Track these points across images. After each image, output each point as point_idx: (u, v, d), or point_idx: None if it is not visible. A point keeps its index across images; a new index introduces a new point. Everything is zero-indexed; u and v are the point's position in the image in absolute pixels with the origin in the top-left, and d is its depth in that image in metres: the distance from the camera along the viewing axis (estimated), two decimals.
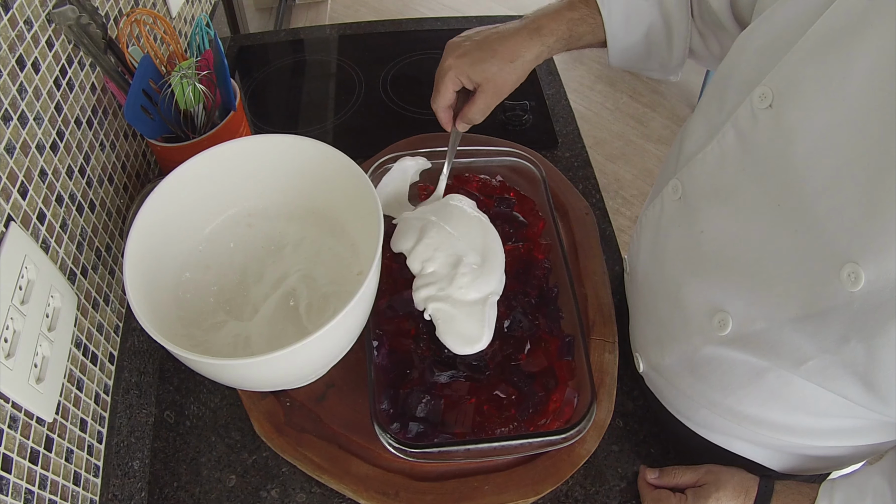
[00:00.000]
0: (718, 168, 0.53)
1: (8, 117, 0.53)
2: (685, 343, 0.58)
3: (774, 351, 0.49)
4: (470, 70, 0.66)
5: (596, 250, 0.79)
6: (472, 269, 0.67)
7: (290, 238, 0.68)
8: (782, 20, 0.49)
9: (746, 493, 0.56)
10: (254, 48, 1.15)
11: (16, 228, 0.52)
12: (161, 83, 0.69)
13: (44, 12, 0.60)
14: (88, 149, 0.68)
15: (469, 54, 0.65)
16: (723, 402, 0.57)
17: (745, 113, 0.49)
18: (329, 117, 1.02)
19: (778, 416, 0.54)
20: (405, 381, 0.64)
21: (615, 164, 2.24)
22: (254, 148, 0.65)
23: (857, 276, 0.40)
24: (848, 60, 0.41)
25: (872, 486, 0.50)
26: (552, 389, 0.63)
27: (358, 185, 0.62)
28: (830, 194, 0.42)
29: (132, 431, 0.68)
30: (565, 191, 0.85)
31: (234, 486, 0.64)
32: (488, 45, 0.65)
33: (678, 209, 0.59)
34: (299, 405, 0.67)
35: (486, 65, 0.65)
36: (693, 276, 0.56)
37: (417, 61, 1.11)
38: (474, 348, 0.63)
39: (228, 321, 0.62)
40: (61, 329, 0.58)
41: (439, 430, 0.61)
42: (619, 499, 0.64)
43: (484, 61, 0.65)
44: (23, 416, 0.51)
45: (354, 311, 0.54)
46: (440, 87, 0.68)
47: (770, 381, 0.52)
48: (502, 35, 0.66)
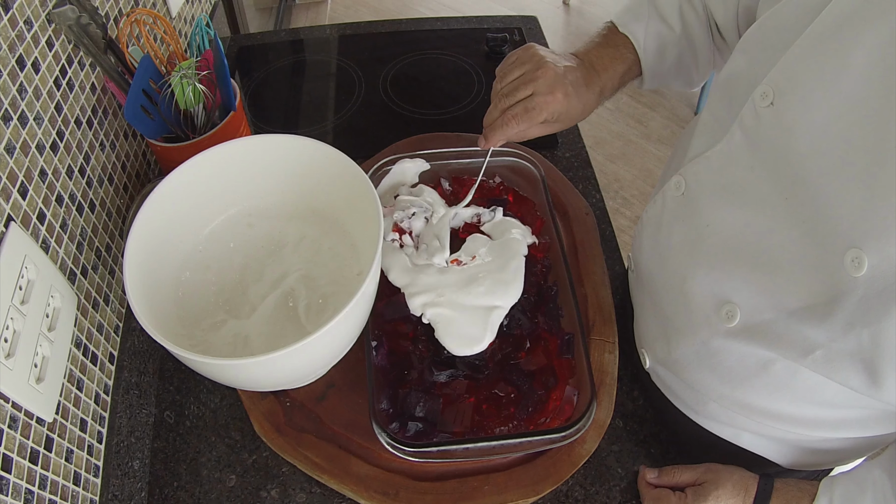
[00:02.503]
0: (725, 166, 0.53)
1: (8, 117, 0.54)
2: (692, 336, 0.58)
3: (781, 341, 0.49)
4: (565, 111, 0.68)
5: (596, 250, 0.79)
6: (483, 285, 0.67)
7: (290, 238, 0.68)
8: (781, 21, 0.50)
9: (746, 490, 0.56)
10: (254, 48, 1.15)
11: (16, 228, 0.53)
12: (161, 83, 0.69)
13: (44, 12, 0.60)
14: (88, 149, 0.68)
15: (571, 97, 0.67)
16: (731, 394, 0.58)
17: (749, 112, 0.50)
18: (329, 117, 1.02)
19: (785, 407, 0.55)
20: (404, 380, 0.64)
21: (615, 164, 2.24)
22: (254, 148, 0.65)
23: (861, 262, 0.41)
24: (844, 55, 0.42)
25: (872, 480, 0.51)
26: (552, 388, 0.63)
27: (358, 185, 0.62)
28: (832, 183, 0.43)
29: (132, 431, 0.68)
30: (565, 191, 0.85)
31: (234, 486, 0.64)
32: (580, 94, 0.68)
33: (681, 204, 0.59)
34: (299, 405, 0.67)
35: (575, 111, 0.69)
36: (698, 270, 0.56)
37: (417, 61, 1.11)
38: (474, 350, 0.63)
39: (228, 320, 0.62)
40: (61, 329, 0.58)
41: (438, 430, 0.61)
42: (619, 499, 0.64)
43: (576, 108, 0.68)
44: (23, 416, 0.51)
45: (354, 312, 0.54)
46: (536, 114, 0.66)
47: (777, 371, 0.52)
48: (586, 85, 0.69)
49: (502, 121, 0.68)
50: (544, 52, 0.69)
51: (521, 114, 0.66)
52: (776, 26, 0.51)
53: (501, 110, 0.68)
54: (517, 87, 0.67)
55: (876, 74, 0.41)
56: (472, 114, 1.01)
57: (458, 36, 1.16)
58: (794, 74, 0.46)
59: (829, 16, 0.44)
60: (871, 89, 0.41)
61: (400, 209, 0.73)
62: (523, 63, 0.68)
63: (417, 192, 0.78)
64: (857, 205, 0.42)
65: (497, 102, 0.68)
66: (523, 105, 0.66)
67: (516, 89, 0.67)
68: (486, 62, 1.10)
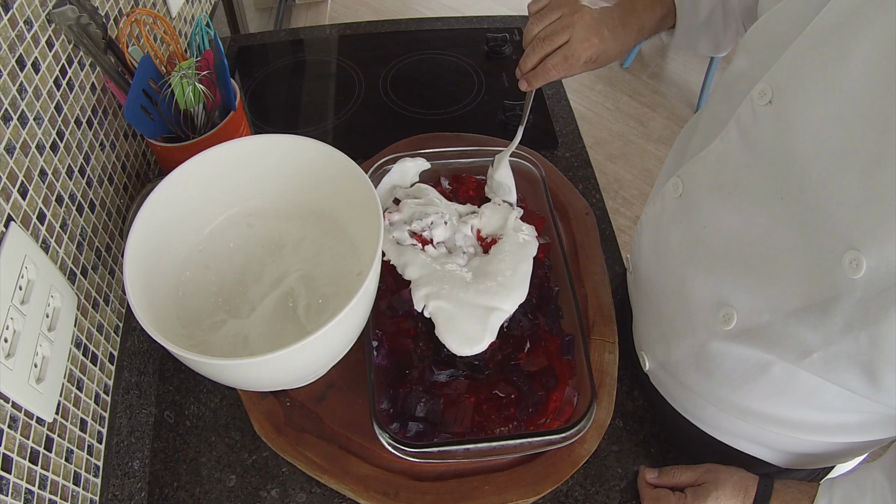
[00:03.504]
0: (721, 165, 0.53)
1: (8, 117, 0.53)
2: (691, 339, 0.58)
3: (779, 344, 0.49)
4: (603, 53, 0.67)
5: (596, 250, 0.79)
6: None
7: (290, 238, 0.68)
8: (782, 19, 0.50)
9: (746, 491, 0.56)
10: (254, 48, 1.15)
11: (16, 228, 0.52)
12: (161, 83, 0.69)
13: (44, 12, 0.60)
14: (88, 149, 0.68)
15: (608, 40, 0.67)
16: (729, 397, 0.58)
17: (747, 110, 0.50)
18: (329, 117, 1.02)
19: (784, 410, 0.55)
20: (405, 380, 0.64)
21: (615, 164, 2.25)
22: (254, 148, 0.65)
23: (859, 263, 0.41)
24: (844, 53, 0.42)
25: (872, 482, 0.51)
26: (552, 388, 0.63)
27: (358, 185, 0.62)
28: (831, 184, 0.43)
29: (132, 431, 0.68)
30: (565, 191, 0.85)
31: (234, 486, 0.64)
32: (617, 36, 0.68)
33: (679, 206, 0.59)
34: (299, 405, 0.67)
35: (612, 52, 0.68)
36: (696, 272, 0.56)
37: (417, 61, 1.11)
38: (473, 349, 0.63)
39: (228, 320, 0.62)
40: (61, 329, 0.58)
41: (439, 430, 0.61)
42: (619, 499, 0.64)
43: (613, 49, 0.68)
44: (23, 416, 0.51)
45: (354, 312, 0.54)
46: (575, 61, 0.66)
47: (775, 374, 0.52)
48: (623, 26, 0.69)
49: (543, 69, 0.67)
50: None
51: (561, 63, 0.66)
52: (777, 25, 0.51)
53: (541, 57, 0.67)
54: (555, 32, 0.66)
55: (876, 73, 0.40)
56: (472, 114, 1.02)
57: (458, 36, 1.16)
58: (793, 73, 0.46)
59: (830, 14, 0.44)
60: (872, 88, 0.41)
61: (416, 218, 0.73)
62: (560, 5, 0.67)
63: (416, 191, 0.78)
64: (855, 205, 0.41)
65: (535, 47, 0.67)
66: (562, 53, 0.66)
67: (554, 34, 0.66)
68: (486, 62, 1.10)
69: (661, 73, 2.55)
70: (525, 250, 0.71)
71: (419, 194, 0.77)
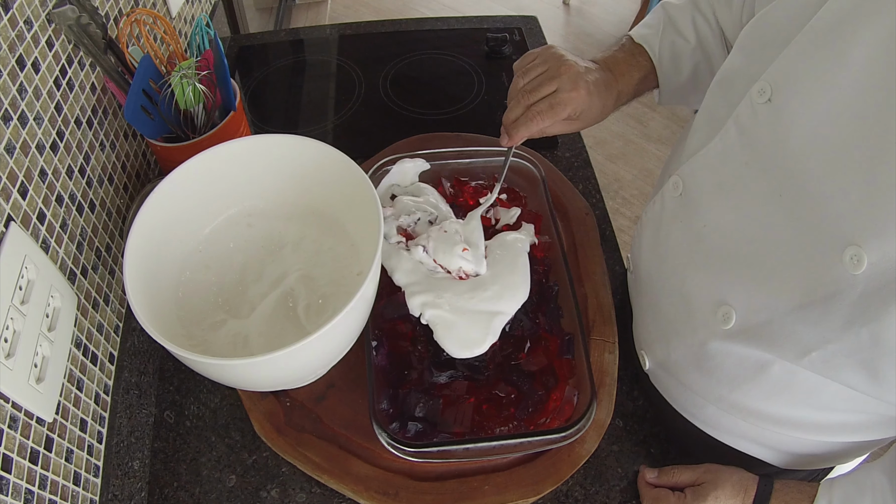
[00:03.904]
0: (720, 163, 0.53)
1: (8, 117, 0.54)
2: (690, 338, 0.58)
3: (779, 342, 0.49)
4: (587, 108, 0.68)
5: (596, 250, 0.79)
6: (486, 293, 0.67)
7: (290, 238, 0.68)
8: (779, 18, 0.50)
9: (745, 491, 0.56)
10: (254, 48, 1.15)
11: (16, 228, 0.53)
12: (161, 83, 0.69)
13: (44, 12, 0.60)
14: (88, 149, 0.68)
15: (593, 95, 0.67)
16: (729, 396, 0.58)
17: (745, 109, 0.50)
18: (329, 117, 1.02)
19: (783, 410, 0.55)
20: (404, 380, 0.64)
21: (615, 164, 2.25)
22: (254, 148, 0.65)
23: (860, 259, 0.41)
24: (843, 51, 0.42)
25: (872, 482, 0.51)
26: (552, 388, 0.63)
27: (358, 185, 0.62)
28: (831, 180, 0.43)
29: (132, 431, 0.68)
30: (565, 191, 0.85)
31: (234, 486, 0.64)
32: (600, 94, 0.68)
33: (679, 205, 0.59)
34: (299, 405, 0.67)
35: (595, 110, 0.69)
36: (696, 271, 0.56)
37: (417, 61, 1.11)
38: (473, 352, 0.63)
39: (228, 320, 0.62)
40: (61, 329, 0.58)
41: (438, 430, 0.61)
42: (619, 499, 0.64)
43: (596, 107, 0.69)
44: (23, 416, 0.51)
45: (354, 312, 0.54)
46: (560, 110, 0.66)
47: (775, 373, 0.52)
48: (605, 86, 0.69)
49: (527, 117, 0.67)
50: (564, 51, 0.70)
51: (546, 110, 0.66)
52: (774, 23, 0.51)
53: (525, 107, 0.67)
54: (541, 83, 0.67)
55: (875, 71, 0.41)
56: (472, 114, 1.02)
57: (458, 36, 1.16)
58: (792, 71, 0.46)
59: (828, 12, 0.44)
60: (871, 85, 0.41)
61: (405, 213, 0.73)
62: (545, 61, 0.68)
63: (415, 190, 0.78)
64: (855, 201, 0.41)
65: (520, 99, 0.68)
66: (548, 101, 0.66)
67: (541, 85, 0.67)
68: (486, 62, 1.10)
69: None
70: (517, 246, 0.71)
71: (417, 193, 0.77)
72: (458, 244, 0.69)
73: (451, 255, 0.68)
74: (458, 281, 0.68)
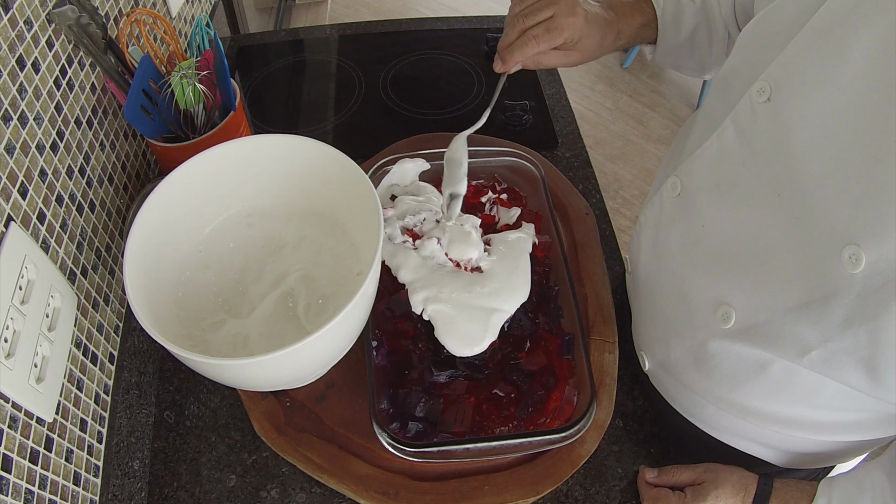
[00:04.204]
0: (718, 163, 0.53)
1: (8, 117, 0.54)
2: (690, 338, 0.58)
3: (778, 342, 0.49)
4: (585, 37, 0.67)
5: (596, 250, 0.79)
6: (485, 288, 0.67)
7: (290, 238, 0.68)
8: (780, 18, 0.50)
9: (745, 490, 0.56)
10: (254, 48, 1.15)
11: (16, 228, 0.53)
12: (161, 83, 0.69)
13: (44, 12, 0.60)
14: (88, 149, 0.68)
15: (591, 24, 0.67)
16: (729, 396, 0.58)
17: (744, 108, 0.50)
18: (329, 117, 1.02)
19: (783, 409, 0.55)
20: (404, 380, 0.64)
21: (615, 164, 2.25)
22: (254, 148, 0.65)
23: (858, 258, 0.41)
24: (843, 51, 0.42)
25: (871, 481, 0.51)
26: (552, 388, 0.63)
27: (358, 185, 0.62)
28: (830, 180, 0.43)
29: (132, 431, 0.68)
30: (565, 191, 0.85)
31: (234, 486, 0.64)
32: (599, 26, 0.68)
33: (678, 206, 0.59)
34: (299, 405, 0.67)
35: (593, 41, 0.68)
36: (695, 271, 0.56)
37: (417, 61, 1.11)
38: (473, 350, 0.63)
39: (228, 320, 0.62)
40: (61, 329, 0.58)
41: (438, 430, 0.61)
42: (619, 499, 0.64)
43: (594, 37, 0.67)
44: (23, 416, 0.51)
45: (354, 312, 0.54)
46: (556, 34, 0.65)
47: (775, 373, 0.52)
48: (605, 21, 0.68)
49: (522, 41, 0.66)
50: None
51: (542, 34, 0.65)
52: (773, 23, 0.51)
53: (520, 31, 0.66)
54: (538, 9, 0.65)
55: (875, 70, 0.41)
56: (472, 114, 1.01)
57: (458, 36, 1.16)
58: (792, 70, 0.46)
59: (828, 12, 0.44)
60: (870, 85, 0.41)
61: (409, 213, 0.73)
62: None
63: (415, 189, 0.78)
64: (854, 201, 0.42)
65: (515, 23, 0.66)
66: (544, 25, 0.65)
67: (538, 10, 0.65)
68: (486, 62, 1.10)
69: (661, 73, 2.55)
70: (519, 245, 0.71)
71: (418, 192, 0.77)
72: (478, 245, 0.70)
73: (466, 250, 0.69)
74: (461, 276, 0.68)
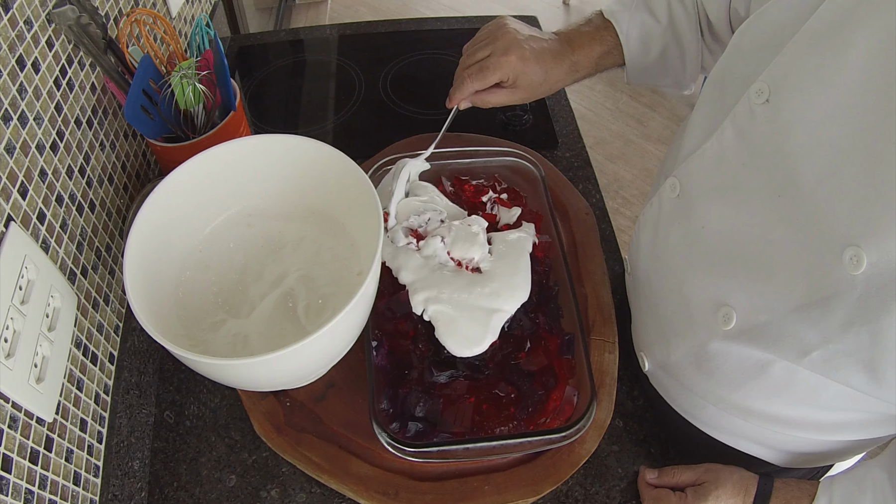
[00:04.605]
0: (718, 164, 0.53)
1: (8, 117, 0.54)
2: (690, 339, 0.58)
3: (779, 342, 0.49)
4: (522, 74, 0.70)
5: (596, 250, 0.79)
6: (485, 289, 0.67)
7: (290, 238, 0.68)
8: (777, 19, 0.50)
9: (746, 490, 0.56)
10: (254, 48, 1.15)
11: (16, 228, 0.52)
12: (161, 83, 0.69)
13: (44, 12, 0.60)
14: (88, 149, 0.68)
15: (529, 61, 0.70)
16: (729, 397, 0.58)
17: (743, 109, 0.50)
18: (329, 117, 1.02)
19: (784, 409, 0.55)
20: (404, 380, 0.64)
21: (615, 164, 2.25)
22: (254, 148, 0.65)
23: (859, 259, 0.41)
24: (842, 52, 0.42)
25: (872, 479, 0.51)
26: (552, 388, 0.63)
27: (358, 185, 0.62)
28: (829, 181, 0.43)
29: (132, 431, 0.68)
30: (565, 191, 0.85)
31: (234, 486, 0.64)
32: (543, 61, 0.71)
33: (677, 207, 0.59)
34: (299, 405, 0.67)
35: (534, 77, 0.71)
36: (695, 272, 0.56)
37: (417, 61, 1.11)
38: (473, 351, 0.63)
39: (228, 320, 0.62)
40: (61, 329, 0.58)
41: (438, 430, 0.61)
42: (619, 499, 0.64)
43: (535, 73, 0.71)
44: (23, 416, 0.51)
45: (354, 312, 0.54)
46: (489, 73, 0.70)
47: (775, 373, 0.52)
48: (552, 56, 0.72)
49: (459, 80, 0.72)
50: (513, 23, 0.73)
51: (476, 73, 0.71)
52: (771, 24, 0.51)
53: (462, 69, 0.72)
54: (478, 49, 0.72)
55: (873, 71, 0.41)
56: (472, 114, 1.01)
57: (458, 36, 1.16)
58: (791, 71, 0.46)
59: (826, 13, 0.44)
60: (869, 86, 0.41)
61: (414, 214, 0.73)
62: (489, 30, 0.73)
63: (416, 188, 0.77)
64: (854, 202, 0.41)
65: (461, 61, 0.73)
66: (479, 65, 0.71)
67: (477, 50, 0.72)
68: None
69: None
70: (520, 245, 0.71)
71: (420, 192, 0.77)
72: (483, 246, 0.70)
73: (470, 249, 0.69)
74: (462, 276, 0.68)
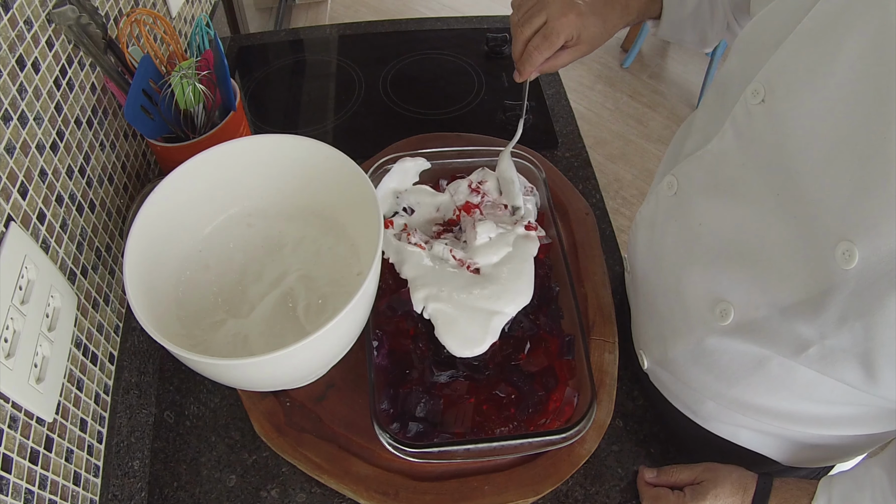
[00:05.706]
0: (718, 165, 0.54)
1: (8, 117, 0.54)
2: (688, 336, 0.58)
3: (775, 339, 0.50)
4: (584, 29, 0.68)
5: (596, 250, 0.79)
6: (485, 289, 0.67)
7: (290, 238, 0.68)
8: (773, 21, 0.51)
9: (745, 489, 0.56)
10: (254, 48, 1.15)
11: (16, 228, 0.53)
12: (161, 83, 0.69)
13: (44, 12, 0.60)
14: (88, 149, 0.68)
15: (587, 15, 0.68)
16: (727, 392, 0.58)
17: (741, 110, 0.50)
18: (329, 117, 1.02)
19: (782, 404, 0.55)
20: (405, 380, 0.64)
21: (615, 164, 2.25)
22: (254, 148, 0.65)
23: (851, 254, 0.41)
24: (834, 52, 0.43)
25: (871, 478, 0.51)
26: (552, 389, 0.63)
27: (358, 185, 0.62)
28: (823, 177, 0.43)
29: (132, 431, 0.68)
30: (565, 191, 0.85)
31: (234, 486, 0.64)
32: (598, 11, 0.69)
33: (674, 204, 0.59)
34: (299, 405, 0.67)
35: (595, 29, 0.69)
36: (692, 269, 0.56)
37: (417, 61, 1.11)
38: (474, 351, 0.63)
39: (228, 320, 0.62)
40: (61, 329, 0.58)
41: (439, 430, 0.61)
42: (619, 499, 0.64)
43: (595, 25, 0.69)
44: (23, 416, 0.51)
45: (354, 312, 0.54)
46: (555, 38, 0.67)
47: (773, 369, 0.52)
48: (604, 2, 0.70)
49: (526, 54, 0.69)
50: None
51: (541, 43, 0.67)
52: (768, 25, 0.51)
53: (523, 42, 0.69)
54: (532, 14, 0.68)
55: (864, 70, 0.41)
56: (472, 114, 1.02)
57: (458, 36, 1.16)
58: (784, 71, 0.46)
59: (819, 13, 0.44)
60: (861, 84, 0.41)
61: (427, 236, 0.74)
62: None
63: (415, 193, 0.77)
64: (847, 197, 0.42)
65: (516, 33, 0.69)
66: (541, 33, 0.67)
67: (531, 16, 0.68)
68: (486, 62, 1.10)
69: (661, 73, 2.55)
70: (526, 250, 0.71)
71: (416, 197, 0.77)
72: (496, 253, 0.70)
73: (476, 250, 0.69)
74: (463, 275, 0.68)
